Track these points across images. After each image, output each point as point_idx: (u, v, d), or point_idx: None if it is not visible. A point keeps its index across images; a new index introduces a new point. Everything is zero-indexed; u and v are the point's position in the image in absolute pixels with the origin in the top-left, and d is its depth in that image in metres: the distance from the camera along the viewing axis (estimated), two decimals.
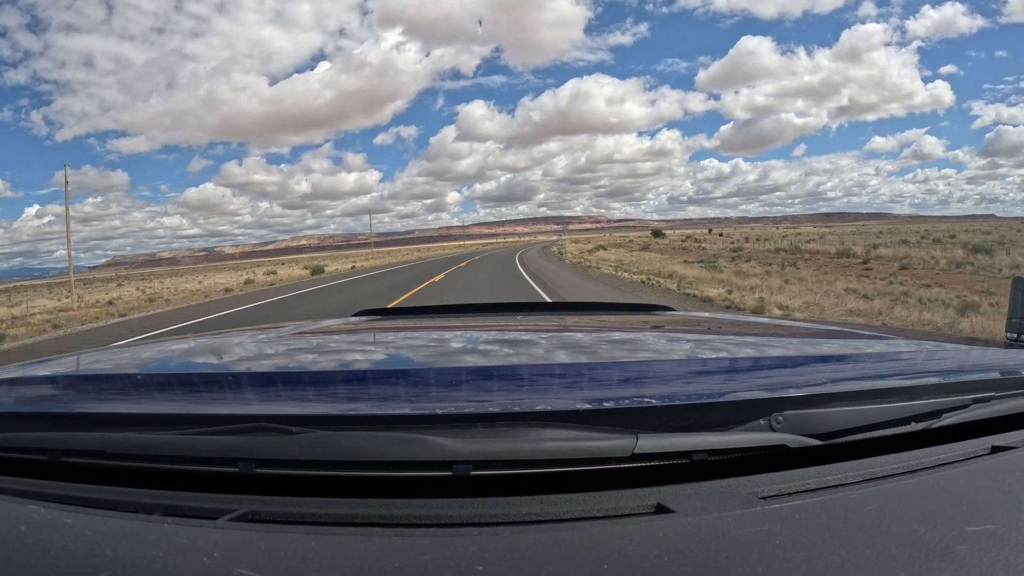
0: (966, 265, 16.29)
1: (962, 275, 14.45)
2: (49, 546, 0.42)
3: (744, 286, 12.99)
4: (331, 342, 1.20)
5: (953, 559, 0.38)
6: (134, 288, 30.85)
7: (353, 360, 1.00)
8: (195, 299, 18.73)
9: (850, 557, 0.38)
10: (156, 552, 0.41)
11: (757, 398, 0.61)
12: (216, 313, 13.24)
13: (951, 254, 19.38)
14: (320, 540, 0.42)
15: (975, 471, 0.54)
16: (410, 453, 0.52)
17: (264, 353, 1.05)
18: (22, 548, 0.42)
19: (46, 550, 0.42)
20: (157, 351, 1.09)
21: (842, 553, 0.39)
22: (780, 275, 15.90)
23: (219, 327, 9.57)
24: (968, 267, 15.92)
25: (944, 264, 17.27)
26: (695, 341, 1.13)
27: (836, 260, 21.16)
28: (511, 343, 1.11)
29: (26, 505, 0.50)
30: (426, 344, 1.11)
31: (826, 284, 13.05)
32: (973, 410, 0.65)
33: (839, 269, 17.88)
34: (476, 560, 0.39)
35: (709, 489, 0.51)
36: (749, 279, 14.77)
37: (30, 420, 0.68)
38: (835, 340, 1.06)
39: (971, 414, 0.64)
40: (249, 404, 0.69)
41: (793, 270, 17.88)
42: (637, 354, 1.00)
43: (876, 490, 0.50)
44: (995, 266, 15.91)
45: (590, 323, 1.35)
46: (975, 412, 0.65)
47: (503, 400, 0.65)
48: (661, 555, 0.39)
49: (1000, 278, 13.14)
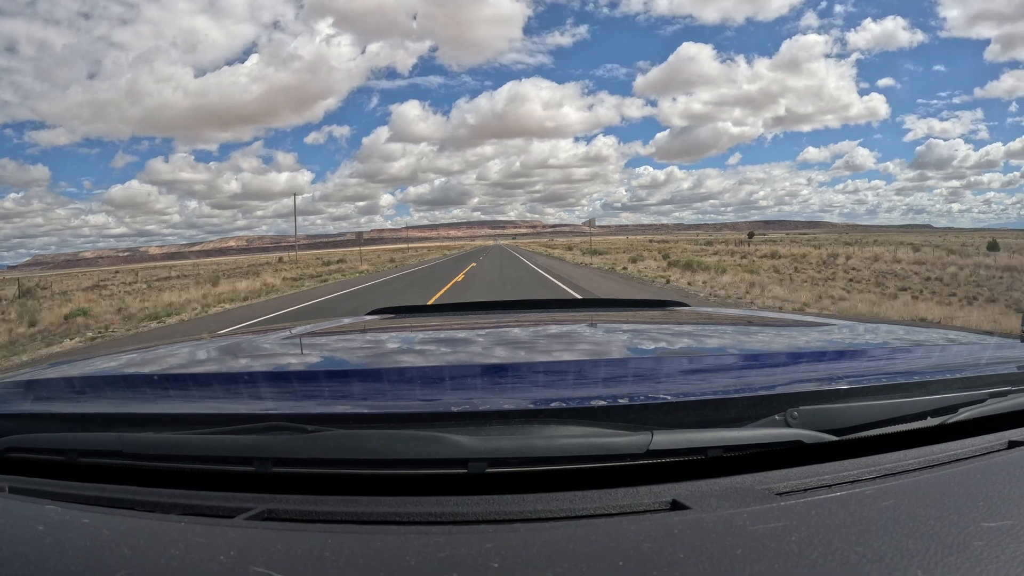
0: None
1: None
2: (67, 546, 0.43)
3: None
4: (345, 341, 1.21)
5: (970, 555, 0.38)
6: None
7: (368, 359, 1.00)
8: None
9: (866, 553, 0.38)
10: (173, 551, 0.41)
11: (772, 394, 0.61)
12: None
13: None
14: (336, 538, 0.43)
15: (992, 466, 0.53)
16: (425, 451, 0.53)
17: (279, 353, 1.05)
18: (40, 548, 0.43)
19: (64, 550, 0.42)
20: (172, 351, 1.10)
21: (858, 549, 0.39)
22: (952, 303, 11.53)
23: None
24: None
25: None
26: (709, 337, 1.13)
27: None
28: (525, 340, 1.11)
29: (44, 505, 0.51)
30: (440, 342, 1.11)
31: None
32: (989, 405, 0.64)
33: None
34: (492, 557, 0.39)
35: (724, 485, 0.51)
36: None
37: (47, 421, 0.69)
38: (849, 335, 1.05)
39: (987, 409, 0.64)
40: (265, 403, 0.69)
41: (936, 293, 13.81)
42: (651, 350, 1.00)
43: (892, 486, 0.49)
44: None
45: (604, 319, 1.35)
46: (991, 407, 0.64)
47: (518, 397, 0.65)
48: (676, 552, 0.39)
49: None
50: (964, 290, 13.82)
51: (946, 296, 12.69)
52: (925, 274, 18.08)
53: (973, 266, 19.55)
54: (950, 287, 14.60)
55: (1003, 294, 12.72)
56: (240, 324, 9.76)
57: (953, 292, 13.48)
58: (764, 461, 0.55)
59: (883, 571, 0.37)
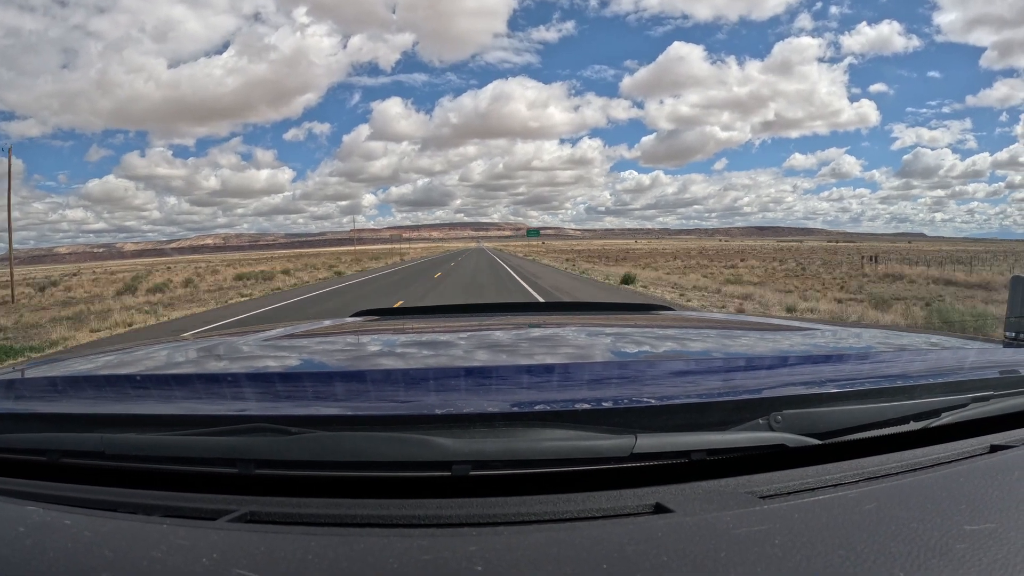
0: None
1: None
2: (48, 547, 0.42)
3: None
4: (330, 342, 1.20)
5: (952, 558, 0.38)
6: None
7: (352, 360, 0.99)
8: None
9: (849, 556, 0.38)
10: (155, 553, 0.41)
11: (756, 397, 0.61)
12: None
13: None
14: (319, 541, 0.42)
15: (974, 470, 0.54)
16: (409, 453, 0.52)
17: (262, 354, 1.05)
18: (21, 549, 0.42)
19: (45, 551, 0.42)
20: (155, 352, 1.09)
21: (841, 552, 0.39)
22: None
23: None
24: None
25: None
26: (694, 341, 1.13)
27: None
28: (510, 343, 1.11)
29: (25, 506, 0.50)
30: (425, 344, 1.11)
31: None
32: (972, 409, 0.65)
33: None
34: (475, 560, 0.39)
35: (708, 489, 0.51)
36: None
37: (29, 421, 0.68)
38: (834, 339, 1.06)
39: (970, 413, 0.64)
40: (248, 405, 0.68)
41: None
42: (636, 354, 1.00)
43: (875, 489, 0.50)
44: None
45: (589, 322, 1.35)
46: (974, 411, 0.65)
47: (502, 400, 0.65)
48: (660, 555, 0.39)
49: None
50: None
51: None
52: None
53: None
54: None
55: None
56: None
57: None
58: (748, 464, 0.55)
59: (866, 574, 0.37)
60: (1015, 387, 0.70)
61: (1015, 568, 0.37)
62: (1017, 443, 0.60)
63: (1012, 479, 0.51)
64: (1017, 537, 0.41)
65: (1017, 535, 0.41)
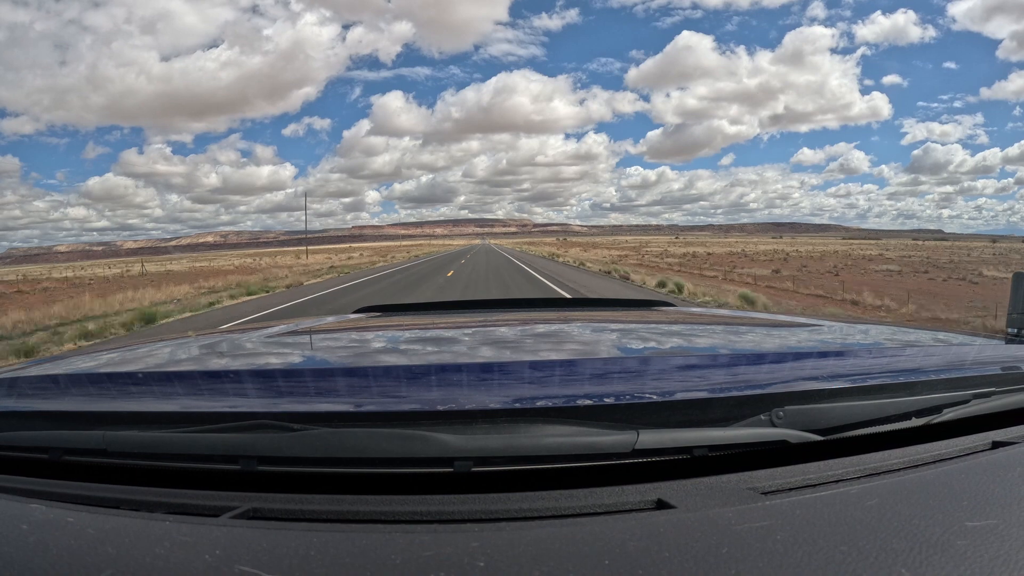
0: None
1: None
2: (51, 545, 0.42)
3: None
4: (332, 339, 1.20)
5: (954, 554, 0.38)
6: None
7: (354, 357, 0.99)
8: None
9: (851, 552, 0.38)
10: (158, 550, 0.41)
11: (757, 393, 0.61)
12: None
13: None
14: (322, 537, 0.42)
15: (976, 466, 0.54)
16: (411, 450, 0.53)
17: (264, 351, 1.05)
18: (24, 547, 0.42)
19: (48, 549, 0.42)
20: (157, 349, 1.09)
21: (843, 548, 0.39)
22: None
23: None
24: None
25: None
26: (696, 337, 1.13)
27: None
28: (512, 339, 1.11)
29: (28, 504, 0.50)
30: (427, 340, 1.11)
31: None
32: (974, 405, 0.65)
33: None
34: (477, 556, 0.39)
35: (710, 485, 0.51)
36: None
37: (31, 419, 0.68)
38: (836, 335, 1.06)
39: (972, 409, 0.64)
40: (250, 401, 0.69)
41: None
42: (638, 350, 1.00)
43: (877, 485, 0.50)
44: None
45: (591, 319, 1.35)
46: (976, 407, 0.65)
47: (504, 396, 0.65)
48: (662, 551, 0.39)
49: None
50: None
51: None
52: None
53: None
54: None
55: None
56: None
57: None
58: (750, 460, 0.55)
59: (868, 570, 0.37)
60: (1017, 383, 0.70)
61: (1017, 564, 0.37)
62: (1019, 439, 0.60)
63: (1014, 475, 0.51)
64: (1019, 533, 0.41)
65: (1019, 531, 0.41)
